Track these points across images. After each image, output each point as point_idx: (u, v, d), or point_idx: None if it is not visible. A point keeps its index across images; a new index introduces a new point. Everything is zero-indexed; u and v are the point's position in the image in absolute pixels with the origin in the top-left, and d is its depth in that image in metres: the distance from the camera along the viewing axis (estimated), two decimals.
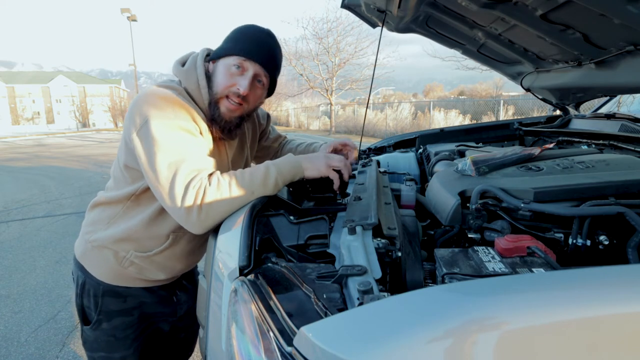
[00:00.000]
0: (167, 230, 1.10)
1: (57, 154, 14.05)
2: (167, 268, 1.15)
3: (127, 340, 1.15)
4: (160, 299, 1.20)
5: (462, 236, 1.00)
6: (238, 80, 1.05)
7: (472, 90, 46.23)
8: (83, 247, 1.16)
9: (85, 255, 1.15)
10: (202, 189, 0.94)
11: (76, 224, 4.98)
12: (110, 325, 1.14)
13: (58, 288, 3.21)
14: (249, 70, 1.06)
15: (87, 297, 1.15)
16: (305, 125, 26.97)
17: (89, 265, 1.14)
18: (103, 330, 1.14)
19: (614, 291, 0.48)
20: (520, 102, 14.77)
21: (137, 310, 1.16)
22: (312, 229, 0.99)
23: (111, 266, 1.11)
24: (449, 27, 1.83)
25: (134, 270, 1.12)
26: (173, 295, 1.25)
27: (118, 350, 1.15)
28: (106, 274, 1.13)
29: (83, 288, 1.15)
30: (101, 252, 1.12)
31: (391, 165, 1.88)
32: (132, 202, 1.10)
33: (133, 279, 1.14)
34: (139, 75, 53.37)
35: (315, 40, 19.65)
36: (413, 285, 0.82)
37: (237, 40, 1.07)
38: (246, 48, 1.05)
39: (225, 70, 1.05)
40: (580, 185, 0.93)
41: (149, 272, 1.13)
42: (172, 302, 1.24)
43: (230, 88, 1.05)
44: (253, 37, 1.07)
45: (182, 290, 1.28)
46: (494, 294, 0.49)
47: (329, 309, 0.59)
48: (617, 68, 1.41)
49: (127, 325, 1.15)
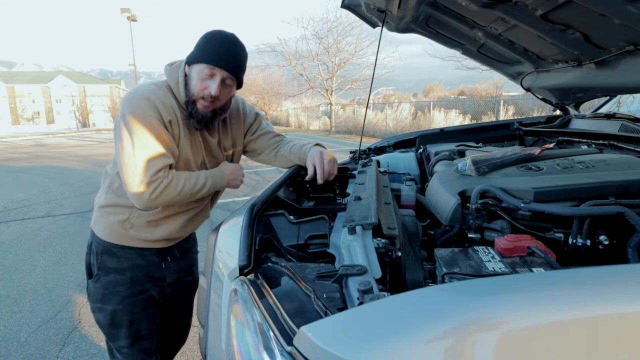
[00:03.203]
0: None
1: (57, 154, 14.05)
2: (162, 226, 1.36)
3: (118, 296, 1.34)
4: (150, 263, 1.39)
5: (462, 236, 1.00)
6: (209, 84, 1.25)
7: (472, 90, 46.21)
8: (94, 215, 1.41)
9: (96, 221, 1.39)
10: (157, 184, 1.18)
11: (76, 223, 4.98)
12: (106, 279, 1.35)
13: (58, 288, 3.21)
14: (217, 76, 1.25)
15: (92, 255, 1.38)
16: (305, 125, 26.97)
17: (97, 229, 1.37)
18: (100, 283, 1.35)
19: (614, 291, 0.48)
20: (520, 102, 14.76)
21: (129, 271, 1.36)
22: (312, 228, 0.99)
23: (113, 227, 1.34)
24: (449, 27, 1.83)
25: (133, 232, 1.33)
26: (162, 262, 1.42)
27: (110, 303, 1.35)
28: (107, 234, 1.35)
29: (90, 248, 1.39)
30: (108, 217, 1.34)
31: (391, 165, 1.88)
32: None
33: (130, 239, 1.34)
34: (139, 75, 53.42)
35: (315, 40, 19.64)
36: (413, 285, 0.82)
37: (205, 48, 1.26)
38: (214, 58, 1.24)
39: (198, 76, 1.25)
40: (580, 185, 0.93)
41: (146, 231, 1.34)
42: (161, 268, 1.42)
43: (203, 91, 1.25)
44: (220, 46, 1.25)
45: (173, 259, 1.45)
46: (494, 293, 0.49)
47: (329, 309, 0.59)
48: (617, 68, 1.41)
49: (119, 283, 1.35)
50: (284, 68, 22.34)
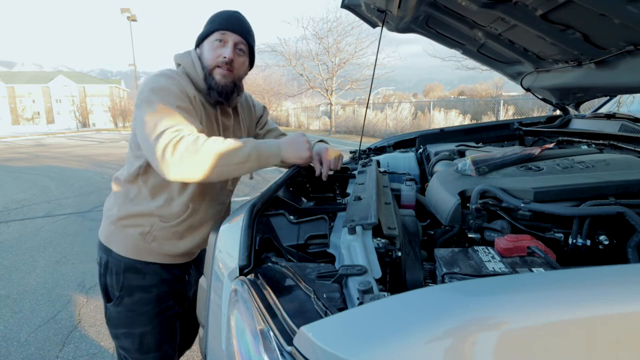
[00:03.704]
0: (186, 201, 1.24)
1: (57, 154, 14.04)
2: (186, 238, 1.27)
3: (146, 316, 1.24)
4: (175, 277, 1.31)
5: (462, 236, 1.00)
6: (222, 51, 1.24)
7: (472, 90, 46.19)
8: (107, 230, 1.28)
9: (111, 237, 1.26)
10: (178, 137, 1.05)
11: (76, 223, 4.98)
12: (132, 300, 1.23)
13: (58, 288, 3.21)
14: (229, 41, 1.25)
15: (110, 275, 1.25)
16: (305, 125, 26.97)
17: (114, 244, 1.25)
18: (125, 306, 1.23)
19: (614, 291, 0.48)
20: (520, 102, 14.76)
21: (155, 288, 1.26)
22: (312, 228, 0.99)
23: (135, 242, 1.23)
24: (449, 27, 1.83)
25: (155, 245, 1.24)
26: (185, 274, 1.36)
27: (138, 325, 1.24)
28: (130, 250, 1.24)
29: (106, 268, 1.25)
30: (125, 230, 1.24)
31: (391, 165, 1.88)
32: (141, 177, 1.23)
33: (154, 254, 1.25)
34: (139, 75, 53.57)
35: (315, 40, 19.65)
36: (413, 285, 0.82)
37: (212, 21, 1.27)
38: (223, 23, 1.25)
39: (210, 46, 1.25)
40: (580, 185, 0.93)
41: (169, 244, 1.25)
42: (184, 281, 1.35)
43: (217, 59, 1.24)
44: (225, 15, 1.27)
45: (193, 272, 1.40)
46: (494, 293, 0.49)
47: (329, 309, 0.59)
48: (617, 68, 1.41)
49: (146, 302, 1.24)
50: (284, 68, 22.36)
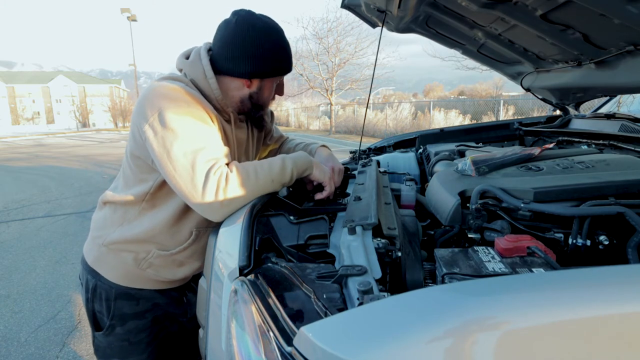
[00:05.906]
0: (190, 227, 1.10)
1: (57, 154, 14.04)
2: (187, 265, 1.14)
3: (142, 345, 1.14)
4: (172, 299, 1.20)
5: (462, 236, 1.00)
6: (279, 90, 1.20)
7: (472, 90, 46.23)
8: (96, 251, 1.13)
9: (100, 260, 1.12)
10: (224, 177, 0.94)
11: (76, 224, 4.98)
12: (124, 330, 1.12)
13: (58, 288, 3.21)
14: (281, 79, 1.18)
15: (98, 301, 1.12)
16: (305, 125, 26.95)
17: (103, 269, 1.12)
18: (117, 335, 1.12)
19: (614, 291, 0.48)
20: (520, 102, 14.75)
21: (150, 313, 1.15)
22: (312, 229, 0.99)
23: (128, 268, 1.10)
24: (449, 27, 1.83)
25: (151, 272, 1.10)
26: (183, 296, 1.24)
27: (132, 355, 1.13)
28: (121, 276, 1.11)
29: (94, 292, 1.12)
30: (118, 255, 1.10)
31: (391, 165, 1.88)
32: (147, 202, 1.08)
33: (148, 281, 1.12)
34: (139, 75, 53.38)
35: (315, 40, 19.63)
36: (413, 285, 0.82)
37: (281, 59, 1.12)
38: (288, 66, 1.15)
39: (272, 87, 1.16)
40: (580, 185, 0.93)
41: (166, 271, 1.12)
42: (182, 303, 1.24)
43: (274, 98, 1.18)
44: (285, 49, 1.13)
45: (191, 291, 1.28)
46: (494, 293, 0.49)
47: (329, 309, 0.59)
48: (617, 68, 1.41)
49: (140, 329, 1.13)
50: None
